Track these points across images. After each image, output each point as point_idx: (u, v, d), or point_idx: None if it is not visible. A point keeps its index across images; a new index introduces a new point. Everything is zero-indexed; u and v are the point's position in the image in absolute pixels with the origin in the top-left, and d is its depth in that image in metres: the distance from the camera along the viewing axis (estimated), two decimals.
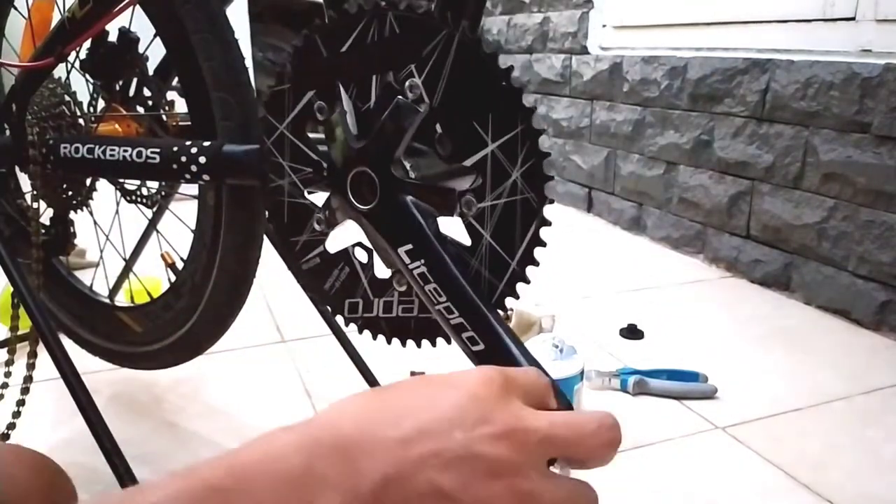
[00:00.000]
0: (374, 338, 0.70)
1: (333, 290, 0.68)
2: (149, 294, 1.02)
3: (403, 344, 0.69)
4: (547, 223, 0.56)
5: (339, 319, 0.70)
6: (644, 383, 1.18)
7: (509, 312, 1.37)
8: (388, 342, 0.69)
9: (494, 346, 0.55)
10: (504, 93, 0.53)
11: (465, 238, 0.60)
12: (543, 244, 0.56)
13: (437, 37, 0.53)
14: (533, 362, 0.53)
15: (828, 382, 1.23)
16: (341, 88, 0.59)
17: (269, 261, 0.88)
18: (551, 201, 0.55)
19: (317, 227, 0.66)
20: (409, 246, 0.57)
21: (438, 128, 0.58)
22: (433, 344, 0.67)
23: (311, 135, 0.64)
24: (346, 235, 0.68)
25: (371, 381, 1.10)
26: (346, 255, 0.68)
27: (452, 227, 0.59)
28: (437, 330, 0.63)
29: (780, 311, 1.58)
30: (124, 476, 0.75)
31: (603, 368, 1.22)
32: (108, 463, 0.75)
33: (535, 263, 0.57)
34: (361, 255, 0.68)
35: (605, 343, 1.39)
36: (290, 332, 1.43)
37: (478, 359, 0.57)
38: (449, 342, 0.60)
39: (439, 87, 0.54)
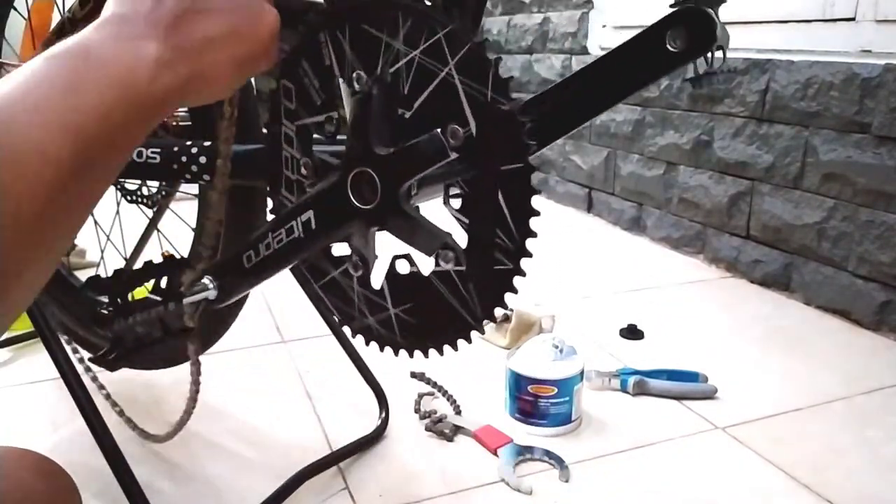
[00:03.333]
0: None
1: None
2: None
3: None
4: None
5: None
6: (644, 383, 1.18)
7: (509, 312, 1.37)
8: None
9: None
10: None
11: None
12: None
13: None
14: None
15: (828, 383, 1.23)
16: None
17: None
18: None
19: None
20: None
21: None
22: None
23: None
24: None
25: (371, 381, 1.10)
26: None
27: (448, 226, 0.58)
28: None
29: (780, 311, 1.58)
30: (124, 476, 0.75)
31: (603, 368, 1.22)
32: (108, 463, 0.75)
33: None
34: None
35: (605, 343, 1.39)
36: (290, 332, 1.43)
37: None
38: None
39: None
